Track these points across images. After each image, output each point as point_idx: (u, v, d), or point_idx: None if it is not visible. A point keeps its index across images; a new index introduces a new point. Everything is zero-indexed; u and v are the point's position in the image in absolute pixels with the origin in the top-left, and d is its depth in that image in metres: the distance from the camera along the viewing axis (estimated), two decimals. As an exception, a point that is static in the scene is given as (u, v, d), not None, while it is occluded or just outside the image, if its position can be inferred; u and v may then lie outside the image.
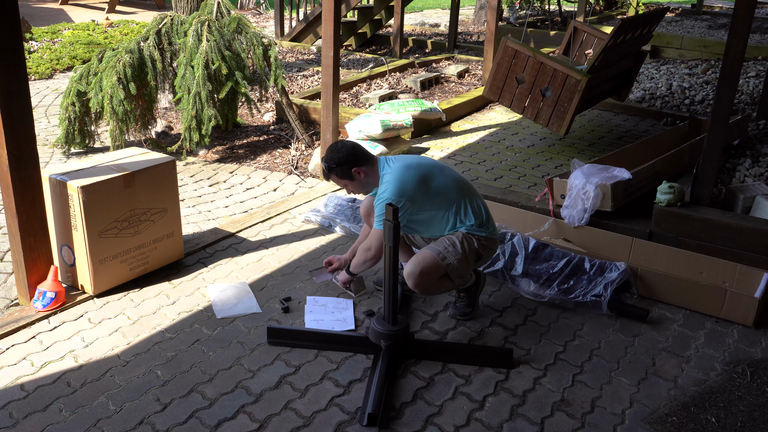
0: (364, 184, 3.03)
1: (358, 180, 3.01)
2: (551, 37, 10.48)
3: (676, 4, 15.86)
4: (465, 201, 3.01)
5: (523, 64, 5.22)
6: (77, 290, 3.29)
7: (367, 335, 2.89)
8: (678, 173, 4.37)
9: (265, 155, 5.41)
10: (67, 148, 5.24)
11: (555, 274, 3.44)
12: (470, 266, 3.02)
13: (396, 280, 2.74)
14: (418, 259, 2.91)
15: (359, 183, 3.02)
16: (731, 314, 3.26)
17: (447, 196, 2.98)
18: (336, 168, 2.98)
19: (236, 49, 5.18)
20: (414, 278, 2.89)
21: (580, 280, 3.41)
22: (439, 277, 2.95)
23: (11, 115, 2.85)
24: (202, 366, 2.79)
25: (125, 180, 3.23)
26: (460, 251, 2.94)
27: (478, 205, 3.05)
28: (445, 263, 2.91)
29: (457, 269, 2.94)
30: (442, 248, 2.94)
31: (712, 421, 2.60)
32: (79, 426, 2.43)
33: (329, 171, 3.01)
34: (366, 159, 2.99)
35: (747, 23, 3.42)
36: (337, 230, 4.05)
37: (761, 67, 8.26)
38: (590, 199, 3.70)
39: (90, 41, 8.90)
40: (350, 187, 3.06)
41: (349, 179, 3.01)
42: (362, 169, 2.98)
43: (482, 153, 5.52)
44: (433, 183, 2.96)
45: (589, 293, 3.31)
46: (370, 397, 2.57)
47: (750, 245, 3.45)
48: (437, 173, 3.00)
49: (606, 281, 3.35)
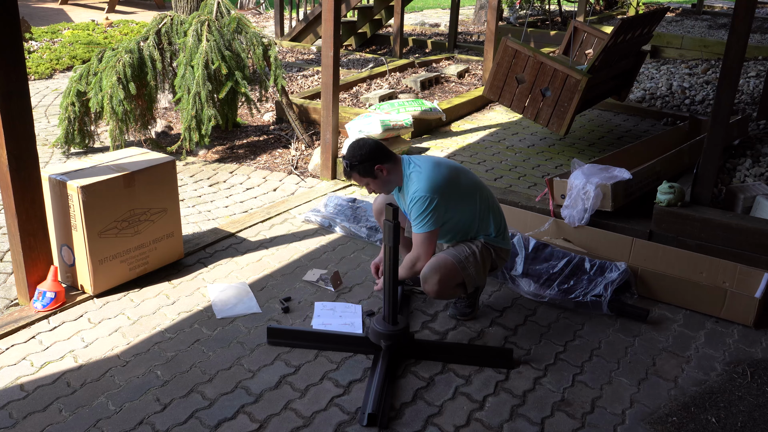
0: (386, 183, 2.94)
1: (381, 178, 2.92)
2: (551, 37, 10.48)
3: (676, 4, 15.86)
4: (487, 208, 2.98)
5: (523, 63, 5.22)
6: (77, 290, 3.29)
7: (367, 335, 2.89)
8: (678, 173, 4.37)
9: (265, 155, 5.41)
10: (67, 148, 5.24)
11: (555, 274, 3.43)
12: (485, 276, 3.02)
13: (396, 281, 2.74)
14: (439, 265, 2.87)
15: (381, 181, 2.93)
16: (731, 314, 3.25)
17: (473, 200, 2.94)
18: (358, 165, 2.88)
19: (236, 49, 5.18)
20: (433, 285, 2.88)
21: (581, 280, 3.41)
22: (455, 285, 2.94)
23: (11, 115, 2.84)
24: (202, 366, 2.78)
25: (125, 180, 3.23)
26: (480, 262, 2.93)
27: (499, 213, 3.02)
28: (465, 273, 2.90)
29: (474, 279, 2.94)
30: (462, 257, 2.91)
31: (713, 421, 2.60)
32: (78, 426, 2.43)
33: (351, 168, 2.91)
34: (389, 157, 2.92)
35: (747, 23, 3.42)
36: (337, 230, 4.05)
37: (761, 67, 8.26)
38: (590, 199, 3.70)
39: (90, 41, 8.90)
40: (372, 186, 2.96)
41: (371, 177, 2.91)
42: (385, 167, 2.89)
43: (482, 153, 5.51)
44: (461, 184, 2.92)
45: (590, 293, 3.31)
46: (370, 397, 2.56)
47: (750, 245, 3.44)
48: (463, 175, 2.96)
49: (606, 281, 3.35)
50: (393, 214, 2.59)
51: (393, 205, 2.58)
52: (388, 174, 2.91)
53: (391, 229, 2.60)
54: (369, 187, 2.99)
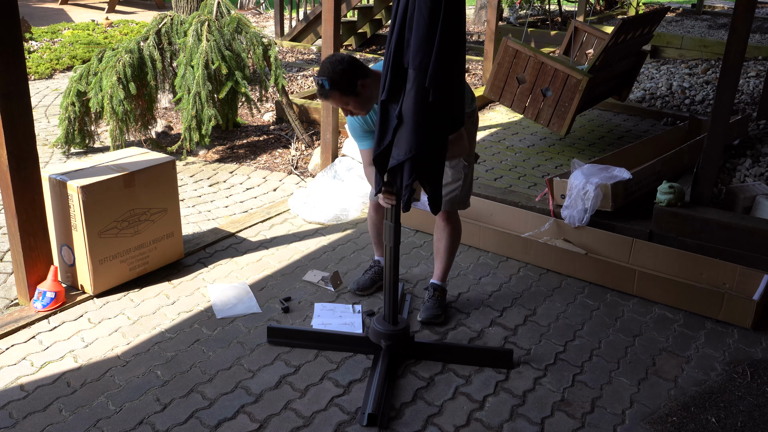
0: (367, 100, 2.70)
1: (362, 95, 2.66)
2: (552, 37, 10.47)
3: (677, 4, 15.86)
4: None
5: (523, 64, 5.21)
6: (77, 290, 3.29)
7: (368, 335, 2.89)
8: (678, 173, 4.37)
9: (265, 155, 5.41)
10: (67, 148, 5.24)
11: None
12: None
13: (396, 280, 2.74)
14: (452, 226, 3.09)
15: (363, 99, 2.68)
16: (729, 317, 3.24)
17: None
18: (340, 81, 2.59)
19: (236, 48, 5.18)
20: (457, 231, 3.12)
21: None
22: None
23: (11, 115, 2.84)
24: (202, 366, 2.78)
25: (125, 180, 3.23)
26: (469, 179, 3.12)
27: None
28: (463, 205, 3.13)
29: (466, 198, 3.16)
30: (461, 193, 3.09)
31: (713, 421, 2.60)
32: (78, 426, 2.43)
33: (332, 86, 2.60)
34: (366, 71, 2.67)
35: (747, 23, 3.42)
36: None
37: (761, 67, 8.25)
38: (590, 199, 3.70)
39: (90, 41, 8.89)
40: (352, 106, 2.70)
41: (353, 95, 2.65)
42: (366, 82, 2.64)
43: (482, 153, 5.51)
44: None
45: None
46: (370, 397, 2.57)
47: (750, 245, 3.44)
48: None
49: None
50: (395, 216, 2.59)
51: (393, 205, 2.58)
52: (368, 90, 2.66)
53: (392, 229, 2.60)
54: (347, 109, 2.74)
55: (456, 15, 2.25)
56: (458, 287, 3.46)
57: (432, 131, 2.39)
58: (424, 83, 2.28)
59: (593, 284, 3.56)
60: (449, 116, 2.43)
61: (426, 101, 2.31)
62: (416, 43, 2.24)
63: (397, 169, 2.43)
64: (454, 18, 2.24)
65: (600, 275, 3.53)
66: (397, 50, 2.29)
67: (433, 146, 2.41)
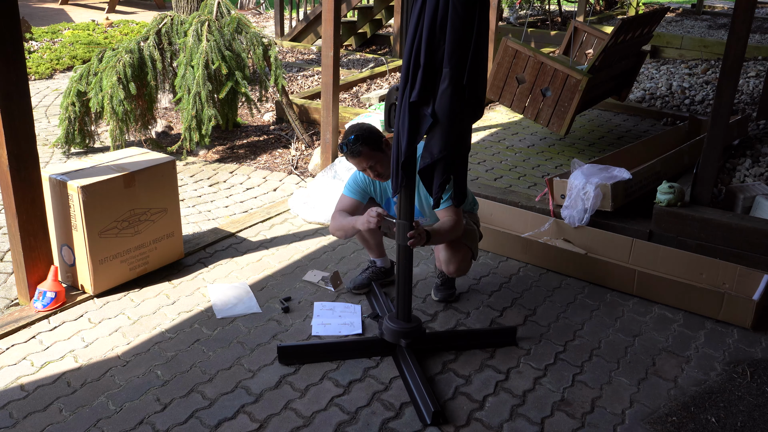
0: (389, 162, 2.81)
1: (387, 153, 2.85)
2: (551, 37, 10.47)
3: (676, 4, 15.86)
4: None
5: (523, 64, 5.22)
6: (77, 290, 3.29)
7: (381, 337, 2.88)
8: (678, 173, 4.37)
9: (265, 155, 5.41)
10: (67, 148, 5.24)
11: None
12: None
13: (410, 278, 2.74)
14: (458, 257, 3.02)
15: (388, 158, 2.83)
16: (729, 317, 3.24)
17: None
18: (368, 138, 2.80)
19: (236, 49, 5.18)
20: (460, 271, 3.08)
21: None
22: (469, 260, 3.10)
23: (11, 115, 2.85)
24: (202, 366, 2.79)
25: (125, 180, 3.23)
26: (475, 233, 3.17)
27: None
28: (473, 249, 3.12)
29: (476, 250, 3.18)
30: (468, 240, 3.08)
31: (712, 421, 2.60)
32: (79, 426, 2.43)
33: (363, 143, 2.80)
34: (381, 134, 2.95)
35: (747, 23, 3.43)
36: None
37: (761, 67, 8.26)
38: (590, 199, 3.70)
39: (90, 41, 8.89)
40: (379, 166, 2.89)
41: (380, 151, 2.86)
42: (388, 141, 2.81)
43: (482, 153, 5.51)
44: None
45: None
46: (423, 394, 2.57)
47: (750, 245, 3.45)
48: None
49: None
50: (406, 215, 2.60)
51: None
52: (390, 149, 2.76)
53: (405, 227, 2.61)
54: (375, 169, 2.90)
55: (486, 15, 2.33)
56: (458, 287, 3.46)
57: (465, 129, 2.49)
58: (460, 82, 2.33)
59: (593, 284, 3.56)
60: (478, 113, 2.52)
61: (462, 99, 2.36)
62: (452, 43, 2.28)
63: (428, 168, 2.49)
64: (485, 18, 2.32)
65: (600, 275, 3.53)
66: (428, 51, 2.32)
67: (464, 142, 2.52)
